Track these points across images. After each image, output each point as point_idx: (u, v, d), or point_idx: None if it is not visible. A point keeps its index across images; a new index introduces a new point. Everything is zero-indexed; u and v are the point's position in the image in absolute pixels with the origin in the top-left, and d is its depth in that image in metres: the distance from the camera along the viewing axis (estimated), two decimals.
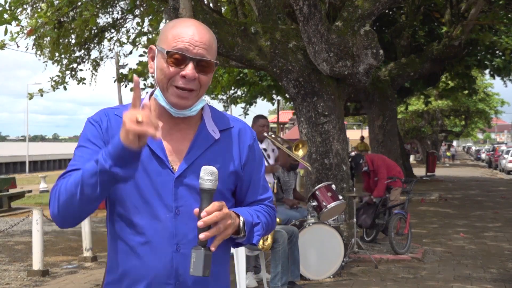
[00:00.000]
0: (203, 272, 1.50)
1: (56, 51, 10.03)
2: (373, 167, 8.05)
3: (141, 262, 1.62)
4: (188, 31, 1.62)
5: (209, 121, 1.73)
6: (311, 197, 6.31)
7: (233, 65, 9.56)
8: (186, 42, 1.60)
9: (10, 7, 7.82)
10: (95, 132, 1.66)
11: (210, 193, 1.54)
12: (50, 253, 7.97)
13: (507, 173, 28.87)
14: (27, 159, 38.70)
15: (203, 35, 1.63)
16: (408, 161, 21.71)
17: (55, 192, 1.58)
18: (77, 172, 1.54)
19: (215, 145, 1.68)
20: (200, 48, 1.61)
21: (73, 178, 1.53)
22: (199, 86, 1.63)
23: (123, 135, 1.43)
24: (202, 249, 1.51)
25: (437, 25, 14.52)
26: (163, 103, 1.64)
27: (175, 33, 1.62)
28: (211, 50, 1.64)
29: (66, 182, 1.55)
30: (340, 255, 6.16)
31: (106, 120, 1.68)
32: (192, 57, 1.60)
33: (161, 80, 1.63)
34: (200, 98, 1.67)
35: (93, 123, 1.68)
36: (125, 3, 10.93)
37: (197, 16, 6.97)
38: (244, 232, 1.65)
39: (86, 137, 1.66)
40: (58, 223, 1.62)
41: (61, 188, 1.56)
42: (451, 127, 40.78)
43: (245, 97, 17.99)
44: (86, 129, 1.68)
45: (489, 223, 10.68)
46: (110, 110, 1.71)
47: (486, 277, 6.35)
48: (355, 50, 7.18)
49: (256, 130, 6.26)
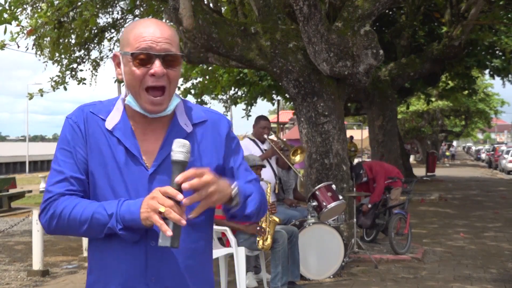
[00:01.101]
0: (171, 243, 1.49)
1: (56, 51, 10.02)
2: (371, 174, 8.05)
3: (116, 260, 1.63)
4: (148, 29, 1.62)
5: (182, 115, 1.72)
6: (311, 197, 6.31)
7: (233, 65, 9.55)
8: (148, 40, 1.60)
9: (10, 7, 7.81)
10: (74, 135, 1.68)
11: (182, 165, 1.54)
12: (50, 253, 7.97)
13: (507, 173, 28.87)
14: (27, 159, 38.70)
15: (164, 30, 1.63)
16: (408, 161, 21.70)
17: (51, 212, 1.63)
18: (79, 205, 1.60)
19: (188, 138, 1.67)
20: (163, 43, 1.61)
21: (76, 212, 1.60)
22: (169, 82, 1.62)
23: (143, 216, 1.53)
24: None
25: (437, 25, 14.51)
26: (137, 108, 1.64)
27: (135, 34, 1.62)
28: (174, 44, 1.64)
29: (66, 211, 1.61)
30: (340, 255, 6.16)
31: (83, 119, 1.69)
32: (157, 53, 1.59)
33: (132, 85, 1.63)
34: (172, 96, 1.66)
35: (72, 124, 1.69)
36: (125, 3, 10.92)
37: (197, 16, 6.97)
38: (237, 200, 1.64)
39: (67, 140, 1.68)
40: (49, 233, 1.69)
41: (58, 214, 1.62)
42: (451, 127, 40.77)
43: (245, 97, 17.98)
44: (66, 130, 1.69)
45: (489, 223, 10.68)
46: (86, 107, 1.72)
47: (486, 277, 6.35)
48: (355, 50, 7.18)
49: (257, 131, 6.26)
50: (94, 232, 1.60)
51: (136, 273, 1.62)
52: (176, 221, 1.48)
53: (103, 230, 1.58)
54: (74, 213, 1.60)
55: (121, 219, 1.56)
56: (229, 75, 15.07)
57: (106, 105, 1.72)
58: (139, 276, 1.62)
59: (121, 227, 1.56)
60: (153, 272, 1.62)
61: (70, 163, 1.65)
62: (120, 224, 1.56)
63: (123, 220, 1.56)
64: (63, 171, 1.65)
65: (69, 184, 1.64)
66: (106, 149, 1.65)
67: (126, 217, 1.55)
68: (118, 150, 1.65)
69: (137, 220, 1.54)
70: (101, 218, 1.57)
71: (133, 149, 1.65)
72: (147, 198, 1.53)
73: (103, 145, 1.66)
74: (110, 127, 1.66)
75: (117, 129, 1.66)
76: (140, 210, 1.53)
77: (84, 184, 1.67)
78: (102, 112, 1.69)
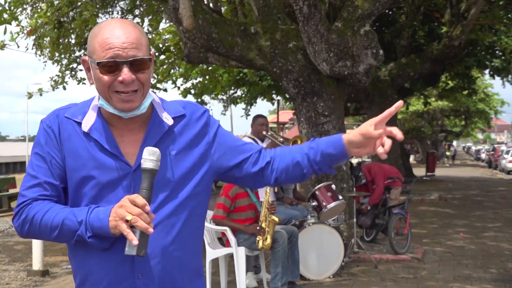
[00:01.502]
0: (137, 251, 1.49)
1: (56, 51, 10.03)
2: (370, 176, 8.05)
3: (100, 259, 1.63)
4: (113, 34, 1.58)
5: (160, 109, 1.71)
6: (311, 197, 6.31)
7: (233, 65, 9.55)
8: (114, 47, 1.56)
9: (10, 7, 7.81)
10: (48, 140, 1.67)
11: (152, 173, 1.54)
12: (50, 253, 7.97)
13: (507, 173, 28.87)
14: (27, 159, 38.66)
15: (129, 33, 1.59)
16: (408, 161, 21.70)
17: (24, 216, 1.63)
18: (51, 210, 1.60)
19: (170, 131, 1.67)
20: (130, 49, 1.57)
21: (48, 217, 1.59)
22: (141, 85, 1.61)
23: (112, 225, 1.52)
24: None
25: (437, 25, 14.51)
26: (111, 110, 1.63)
27: (100, 40, 1.59)
28: (142, 47, 1.61)
29: (38, 216, 1.60)
30: (340, 255, 6.16)
31: (57, 123, 1.68)
32: (123, 60, 1.57)
33: (102, 91, 1.62)
34: (145, 96, 1.64)
35: (46, 129, 1.68)
36: (125, 3, 10.92)
37: (197, 16, 6.97)
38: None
39: (41, 144, 1.67)
40: (22, 237, 1.70)
41: (31, 218, 1.61)
42: (451, 127, 40.76)
43: (245, 97, 17.98)
44: (40, 135, 1.69)
45: (489, 223, 10.68)
46: (61, 112, 1.70)
47: (486, 277, 6.34)
48: (355, 50, 7.18)
49: (255, 130, 6.26)
50: (65, 238, 1.60)
51: (123, 270, 1.62)
52: (142, 229, 1.48)
53: (73, 237, 1.58)
54: (46, 218, 1.59)
55: (90, 227, 1.56)
56: (229, 75, 15.06)
57: (81, 108, 1.71)
58: (127, 273, 1.62)
59: (90, 235, 1.56)
60: (140, 268, 1.62)
61: (43, 168, 1.65)
62: (90, 232, 1.56)
63: (92, 228, 1.55)
64: (37, 176, 1.64)
65: (42, 189, 1.64)
66: (84, 151, 1.64)
67: (95, 224, 1.55)
68: (96, 151, 1.64)
69: (106, 228, 1.54)
70: (71, 225, 1.57)
71: (112, 149, 1.64)
72: (115, 206, 1.53)
73: (81, 148, 1.64)
74: (86, 129, 1.65)
75: (93, 129, 1.65)
76: (109, 219, 1.53)
77: (57, 189, 1.66)
78: (76, 115, 1.68)
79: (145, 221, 1.48)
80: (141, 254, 1.50)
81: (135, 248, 1.48)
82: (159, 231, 1.62)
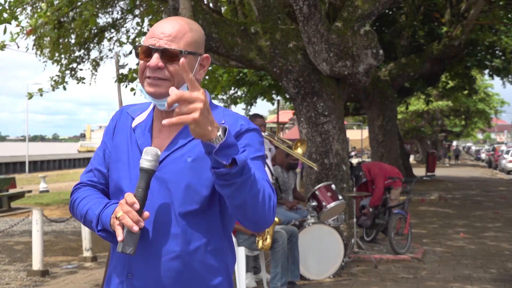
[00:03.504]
0: (122, 248, 1.50)
1: (56, 51, 10.02)
2: (370, 176, 8.05)
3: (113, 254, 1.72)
4: (158, 25, 1.70)
5: None
6: (311, 197, 6.31)
7: (233, 65, 9.55)
8: (153, 36, 1.67)
9: (10, 7, 7.81)
10: (108, 130, 1.81)
11: (149, 173, 1.55)
12: (50, 253, 7.96)
13: (507, 173, 28.88)
14: (27, 159, 38.68)
15: (171, 27, 1.67)
16: (408, 161, 21.71)
17: (72, 198, 1.79)
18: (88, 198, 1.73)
19: (196, 140, 1.61)
20: (163, 40, 1.65)
21: (82, 205, 1.72)
22: (170, 76, 1.65)
23: (111, 221, 1.60)
24: None
25: (437, 25, 14.51)
26: (146, 95, 1.70)
27: (150, 30, 1.72)
28: (179, 41, 1.65)
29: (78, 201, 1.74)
30: (340, 255, 6.16)
31: (118, 118, 1.82)
32: (155, 48, 1.65)
33: (139, 77, 1.72)
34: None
35: (111, 120, 1.84)
36: (125, 3, 10.92)
37: (197, 16, 6.96)
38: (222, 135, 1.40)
39: (104, 134, 1.83)
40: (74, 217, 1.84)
41: (74, 203, 1.76)
42: (451, 127, 40.76)
43: (245, 97, 17.98)
44: (108, 124, 1.85)
45: (489, 223, 10.68)
46: (126, 108, 1.84)
47: (486, 277, 6.34)
48: (355, 50, 7.18)
49: None
50: (89, 227, 1.72)
51: (120, 266, 1.67)
52: (127, 227, 1.51)
53: (92, 227, 1.69)
54: (80, 205, 1.73)
55: (101, 221, 1.65)
56: (229, 75, 15.07)
57: (142, 106, 1.82)
58: (121, 269, 1.67)
59: (100, 229, 1.65)
60: (131, 268, 1.63)
61: (98, 156, 1.80)
62: (100, 226, 1.65)
63: (103, 223, 1.64)
64: (92, 162, 1.81)
65: (92, 175, 1.79)
66: (124, 146, 1.74)
67: (103, 219, 1.64)
68: (133, 147, 1.72)
69: (108, 225, 1.62)
70: (91, 216, 1.68)
71: (142, 146, 1.69)
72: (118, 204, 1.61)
73: (123, 142, 1.75)
74: (133, 125, 1.75)
75: (138, 127, 1.74)
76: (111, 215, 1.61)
77: (105, 177, 1.78)
78: (135, 112, 1.79)
79: (132, 219, 1.51)
80: (127, 252, 1.51)
81: (121, 245, 1.51)
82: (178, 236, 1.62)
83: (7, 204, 13.83)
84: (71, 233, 9.94)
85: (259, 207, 1.51)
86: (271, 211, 1.56)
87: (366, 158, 29.28)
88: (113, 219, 1.57)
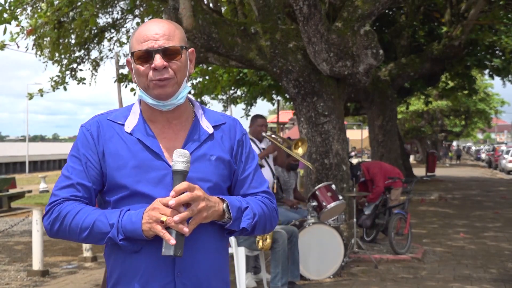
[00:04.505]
0: (174, 252, 1.52)
1: (56, 51, 10.01)
2: (369, 175, 8.05)
3: (141, 255, 1.65)
4: (146, 29, 1.70)
5: (202, 117, 1.79)
6: (311, 197, 6.31)
7: (233, 65, 9.55)
8: (148, 39, 1.67)
9: (10, 7, 7.81)
10: (86, 142, 1.73)
11: (183, 174, 1.58)
12: (50, 253, 7.97)
13: (507, 173, 28.88)
14: (27, 159, 38.68)
15: (162, 27, 1.70)
16: (408, 161, 21.70)
17: (56, 214, 1.66)
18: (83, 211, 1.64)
19: (209, 139, 1.74)
20: (161, 40, 1.67)
21: (79, 218, 1.63)
22: (174, 73, 1.68)
23: (146, 227, 1.56)
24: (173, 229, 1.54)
25: (437, 25, 14.51)
26: (149, 100, 1.70)
27: (137, 35, 1.71)
28: (174, 38, 1.70)
29: (69, 216, 1.64)
30: (340, 255, 6.16)
31: (96, 127, 1.74)
32: (156, 49, 1.66)
33: (140, 82, 1.70)
34: (181, 85, 1.71)
35: (85, 132, 1.74)
36: (125, 3, 10.92)
37: (197, 16, 6.97)
38: (229, 215, 1.67)
39: (78, 147, 1.73)
40: (51, 236, 1.72)
41: (64, 218, 1.64)
42: (451, 127, 40.76)
43: (245, 97, 17.97)
44: (79, 138, 1.75)
45: (489, 223, 10.68)
46: (102, 116, 1.77)
47: (486, 277, 6.34)
48: (355, 50, 7.18)
49: (254, 130, 6.25)
50: (94, 239, 1.64)
51: (162, 268, 1.65)
52: (178, 229, 1.52)
53: (104, 239, 1.62)
54: (77, 218, 1.63)
55: (123, 230, 1.60)
56: (229, 75, 15.06)
57: (122, 112, 1.79)
58: (165, 270, 1.65)
59: (122, 237, 1.60)
60: (180, 266, 1.65)
61: (78, 170, 1.70)
62: (122, 235, 1.60)
63: (125, 231, 1.59)
64: (71, 177, 1.70)
65: (75, 190, 1.69)
66: (124, 151, 1.69)
67: (127, 227, 1.59)
68: (138, 150, 1.70)
69: (139, 230, 1.58)
70: (102, 227, 1.61)
71: (154, 147, 1.70)
72: (148, 209, 1.57)
73: (122, 148, 1.70)
74: (129, 130, 1.72)
75: (136, 130, 1.72)
76: (142, 222, 1.57)
77: (89, 191, 1.70)
78: (119, 118, 1.75)
79: (181, 222, 1.53)
80: (178, 254, 1.53)
81: (172, 248, 1.52)
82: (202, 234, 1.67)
83: (7, 204, 13.84)
84: None
85: (267, 226, 1.81)
86: (276, 218, 1.84)
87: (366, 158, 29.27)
88: (153, 224, 1.54)
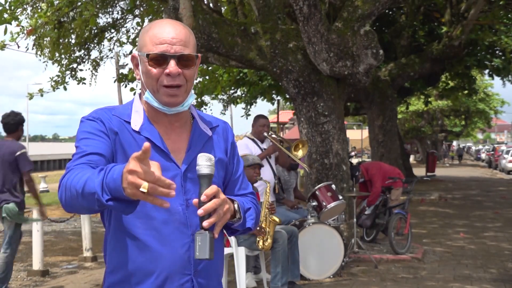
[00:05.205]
0: (209, 255, 1.53)
1: (56, 51, 10.02)
2: (368, 176, 8.04)
3: (156, 255, 1.64)
4: (164, 31, 1.67)
5: (199, 120, 1.81)
6: (311, 197, 6.31)
7: (233, 65, 9.55)
8: (164, 42, 1.65)
9: (10, 7, 7.81)
10: (96, 126, 1.65)
11: (209, 178, 1.58)
12: (50, 253, 7.97)
13: (507, 173, 28.87)
14: None
15: (179, 31, 1.68)
16: (408, 161, 21.70)
17: (63, 183, 1.51)
18: (84, 172, 1.47)
19: (209, 141, 1.78)
20: (178, 46, 1.65)
21: (78, 179, 1.45)
22: (185, 80, 1.68)
23: (129, 193, 1.32)
24: (206, 232, 1.53)
25: (437, 25, 14.51)
26: (156, 104, 1.69)
27: (151, 35, 1.67)
28: (189, 45, 1.69)
29: (72, 178, 1.47)
30: (340, 255, 6.16)
31: (104, 118, 1.68)
32: (171, 55, 1.64)
33: (149, 83, 1.67)
34: (189, 93, 1.72)
35: (92, 119, 1.67)
36: (125, 3, 10.91)
37: (197, 16, 6.96)
38: (240, 215, 1.71)
39: (87, 131, 1.64)
40: (66, 210, 1.56)
41: (67, 183, 1.49)
42: (451, 127, 40.76)
43: (245, 97, 17.97)
44: (85, 125, 1.67)
45: (489, 223, 10.68)
46: (106, 110, 1.73)
47: (486, 277, 6.34)
48: (355, 50, 7.18)
49: (256, 130, 6.26)
50: (89, 203, 1.41)
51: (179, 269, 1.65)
52: (164, 195, 1.32)
53: (94, 200, 1.39)
54: (75, 180, 1.45)
55: (108, 188, 1.36)
56: (229, 75, 15.06)
57: (124, 109, 1.76)
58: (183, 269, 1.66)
59: (109, 198, 1.36)
60: (196, 265, 1.68)
61: (95, 142, 1.60)
62: (107, 194, 1.36)
63: (109, 189, 1.35)
64: (85, 149, 1.59)
65: (87, 159, 1.56)
66: (132, 150, 1.62)
67: (110, 185, 1.35)
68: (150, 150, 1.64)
69: (120, 188, 1.33)
70: (92, 186, 1.38)
71: (164, 148, 1.70)
72: (126, 170, 1.32)
73: (129, 145, 1.66)
74: (137, 128, 1.69)
75: (143, 129, 1.70)
76: (122, 185, 1.33)
77: (104, 160, 1.58)
78: (123, 115, 1.72)
79: (164, 186, 1.32)
80: (211, 257, 1.54)
81: (208, 252, 1.52)
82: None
83: None
84: (71, 233, 9.94)
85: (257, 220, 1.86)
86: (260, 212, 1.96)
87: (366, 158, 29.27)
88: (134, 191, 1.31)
